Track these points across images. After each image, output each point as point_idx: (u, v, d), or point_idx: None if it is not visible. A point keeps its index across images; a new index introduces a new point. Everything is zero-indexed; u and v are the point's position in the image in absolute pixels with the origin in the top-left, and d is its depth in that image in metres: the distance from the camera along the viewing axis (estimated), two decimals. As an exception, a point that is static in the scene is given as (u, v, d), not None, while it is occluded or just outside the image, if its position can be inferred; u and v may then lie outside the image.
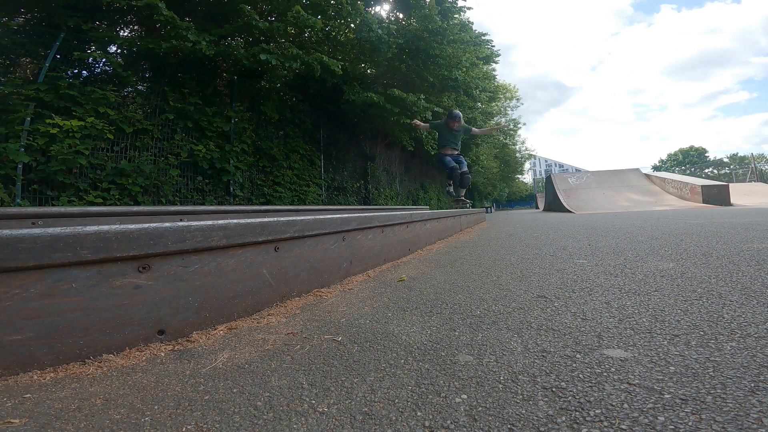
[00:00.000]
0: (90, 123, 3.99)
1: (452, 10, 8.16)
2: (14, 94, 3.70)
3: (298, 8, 5.10)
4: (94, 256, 0.74)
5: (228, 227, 0.98)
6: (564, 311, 0.98)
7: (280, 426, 0.52)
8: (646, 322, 0.86)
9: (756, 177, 22.11)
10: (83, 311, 0.73)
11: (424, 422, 0.51)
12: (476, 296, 1.21)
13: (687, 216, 5.17)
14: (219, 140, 5.54)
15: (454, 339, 0.83)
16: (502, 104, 27.25)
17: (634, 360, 0.66)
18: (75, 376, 0.69)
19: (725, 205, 10.02)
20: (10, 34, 4.31)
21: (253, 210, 3.74)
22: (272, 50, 5.28)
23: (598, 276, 1.40)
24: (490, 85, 15.21)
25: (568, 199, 13.42)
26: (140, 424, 0.54)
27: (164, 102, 5.06)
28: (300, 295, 1.25)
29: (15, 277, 0.67)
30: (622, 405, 0.52)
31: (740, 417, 0.47)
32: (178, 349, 0.82)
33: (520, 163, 37.59)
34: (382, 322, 0.99)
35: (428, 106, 7.49)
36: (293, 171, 6.89)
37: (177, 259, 0.88)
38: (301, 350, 0.81)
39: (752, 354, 0.65)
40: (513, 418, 0.50)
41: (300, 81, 7.10)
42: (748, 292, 1.05)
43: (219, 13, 5.60)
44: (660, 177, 14.46)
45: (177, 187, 4.97)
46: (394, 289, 1.37)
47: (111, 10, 4.99)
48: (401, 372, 0.67)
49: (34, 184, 3.75)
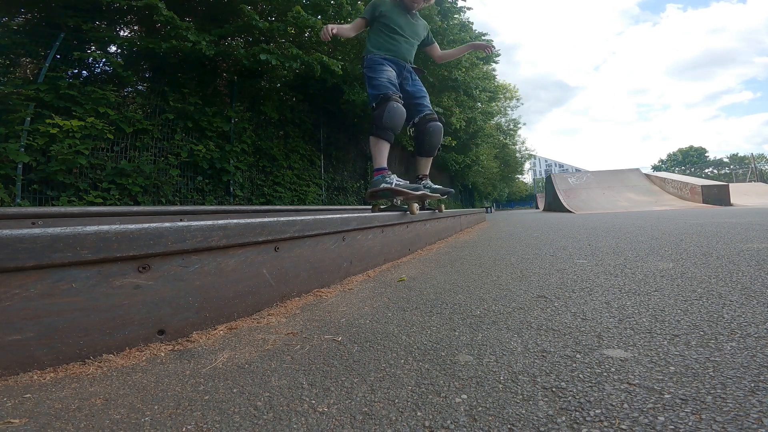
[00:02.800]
0: (90, 123, 3.99)
1: (452, 11, 8.16)
2: (14, 94, 3.70)
3: (298, 8, 5.10)
4: (94, 256, 0.74)
5: (228, 227, 0.98)
6: (564, 311, 0.98)
7: (280, 426, 0.52)
8: (646, 322, 0.86)
9: (756, 177, 22.11)
10: (83, 311, 0.73)
11: (424, 422, 0.51)
12: (476, 296, 1.21)
13: (687, 216, 5.17)
14: (219, 140, 5.54)
15: (454, 339, 0.83)
16: (502, 104, 27.26)
17: (634, 360, 0.66)
18: (75, 376, 0.69)
19: (725, 205, 10.02)
20: (10, 34, 4.31)
21: (253, 210, 3.74)
22: (272, 50, 5.29)
23: (598, 276, 1.40)
24: (490, 85, 15.22)
25: (568, 199, 13.42)
26: (140, 424, 0.54)
27: (164, 102, 5.07)
28: (300, 295, 1.25)
29: (15, 277, 0.67)
30: (622, 405, 0.52)
31: (740, 417, 0.47)
32: (178, 349, 0.82)
33: (520, 163, 37.64)
34: (382, 322, 0.99)
35: (428, 106, 7.48)
36: (293, 171, 6.90)
37: (177, 259, 0.88)
38: (301, 350, 0.81)
39: (752, 354, 0.65)
40: (513, 418, 0.50)
41: (300, 81, 7.10)
42: (748, 292, 1.05)
43: (219, 13, 5.60)
44: (660, 177, 14.47)
45: (177, 187, 4.97)
46: (394, 289, 1.37)
47: (111, 10, 4.99)
48: (401, 372, 0.67)
49: (34, 184, 3.76)
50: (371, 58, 2.34)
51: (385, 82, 2.23)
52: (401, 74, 2.42)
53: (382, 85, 2.22)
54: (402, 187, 2.16)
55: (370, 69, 2.31)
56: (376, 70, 2.29)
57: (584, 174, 17.35)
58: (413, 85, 2.48)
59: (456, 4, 8.44)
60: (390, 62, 2.36)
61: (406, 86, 2.44)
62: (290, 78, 6.90)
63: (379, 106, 2.17)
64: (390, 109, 2.14)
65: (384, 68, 2.30)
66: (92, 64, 4.94)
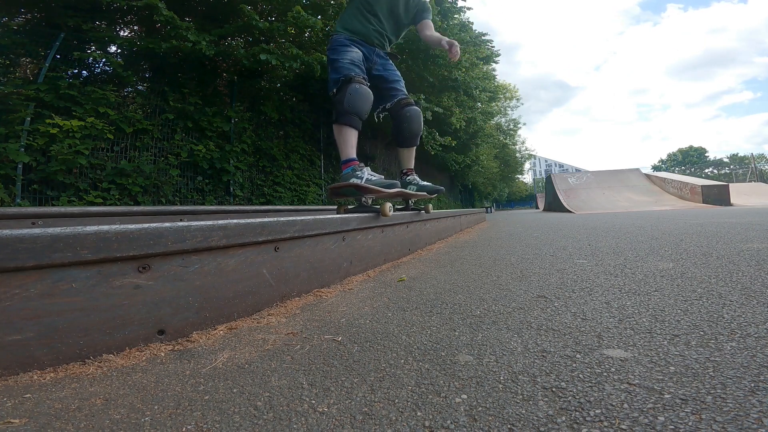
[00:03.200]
0: (90, 123, 3.99)
1: (452, 11, 8.17)
2: (14, 94, 3.70)
3: (298, 8, 5.10)
4: (94, 256, 0.74)
5: (228, 227, 0.98)
6: (564, 311, 0.98)
7: (280, 426, 0.52)
8: (646, 322, 0.86)
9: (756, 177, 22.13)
10: (83, 311, 0.73)
11: (424, 422, 0.51)
12: (476, 296, 1.21)
13: (687, 216, 5.17)
14: (219, 140, 5.54)
15: (454, 339, 0.83)
16: (502, 104, 27.28)
17: (634, 360, 0.66)
18: (75, 376, 0.69)
19: (725, 205, 10.02)
20: (10, 34, 4.31)
21: (253, 210, 3.74)
22: (272, 50, 5.29)
23: (598, 276, 1.40)
24: (490, 85, 15.23)
25: (568, 199, 13.43)
26: (140, 424, 0.54)
27: (164, 102, 5.07)
28: (300, 295, 1.25)
29: (15, 277, 0.67)
30: (622, 405, 0.52)
31: (740, 417, 0.47)
32: (178, 349, 0.82)
33: (520, 163, 37.67)
34: (382, 322, 0.99)
35: (428, 106, 7.50)
36: (293, 171, 6.89)
37: (177, 259, 0.88)
38: (301, 350, 0.81)
39: (752, 354, 0.65)
40: (513, 418, 0.50)
41: (300, 81, 7.10)
42: (748, 292, 1.05)
43: (219, 13, 5.60)
44: (660, 177, 14.48)
45: (177, 187, 4.97)
46: (394, 289, 1.37)
47: (111, 10, 4.99)
48: (401, 372, 0.67)
49: (34, 184, 3.76)
50: (336, 38, 2.11)
51: (347, 64, 1.99)
52: (370, 58, 2.19)
53: (344, 67, 1.98)
54: (373, 183, 1.89)
55: (333, 50, 2.08)
56: (339, 51, 2.05)
57: (584, 174, 17.37)
58: (385, 70, 2.25)
59: (456, 4, 8.44)
60: (357, 44, 2.12)
61: (374, 71, 2.20)
62: (290, 78, 6.90)
63: (340, 90, 1.93)
64: (352, 91, 1.90)
65: (348, 49, 2.06)
66: (92, 64, 4.94)
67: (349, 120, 1.93)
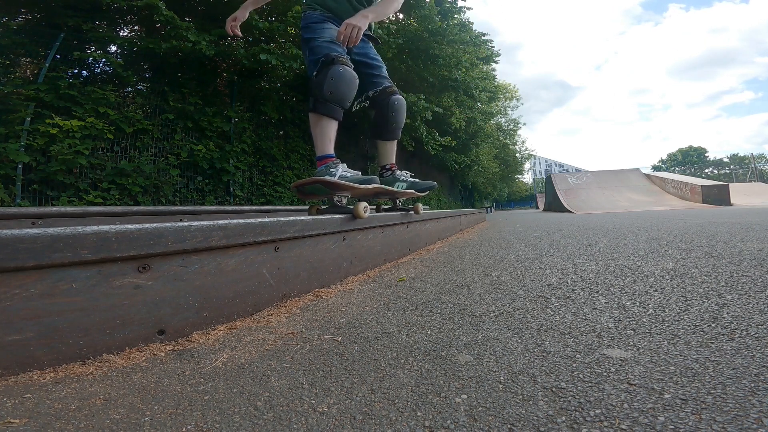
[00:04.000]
0: (90, 123, 3.99)
1: (452, 11, 8.16)
2: (14, 94, 3.70)
3: (298, 8, 5.10)
4: (94, 256, 0.74)
5: (228, 227, 0.98)
6: (564, 311, 0.98)
7: (280, 426, 0.52)
8: (646, 322, 0.86)
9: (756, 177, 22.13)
10: (83, 311, 0.73)
11: (424, 422, 0.51)
12: (476, 296, 1.21)
13: (687, 216, 5.17)
14: (219, 140, 5.54)
15: (454, 339, 0.83)
16: (503, 104, 27.28)
17: (634, 360, 0.66)
18: (75, 376, 0.69)
19: (725, 205, 10.02)
20: (10, 34, 4.31)
21: (253, 210, 3.74)
22: (272, 50, 5.29)
23: (598, 276, 1.40)
24: (490, 85, 15.24)
25: (568, 199, 13.43)
26: (140, 424, 0.54)
27: (164, 102, 5.07)
28: (300, 295, 1.25)
29: (15, 277, 0.67)
30: (622, 405, 0.52)
31: (740, 417, 0.47)
32: (178, 349, 0.82)
33: (520, 163, 37.67)
34: (382, 322, 0.99)
35: (428, 106, 7.50)
36: (293, 171, 6.89)
37: (177, 259, 0.88)
38: (301, 350, 0.81)
39: (752, 354, 0.65)
40: (513, 418, 0.50)
41: (300, 81, 7.09)
42: (748, 292, 1.05)
43: (219, 13, 5.60)
44: (660, 177, 14.49)
45: (177, 187, 4.97)
46: (394, 289, 1.37)
47: (111, 10, 4.99)
48: (401, 372, 0.67)
49: (34, 184, 3.76)
50: (309, 14, 1.85)
51: (326, 43, 1.73)
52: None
53: (322, 46, 1.72)
54: (348, 180, 1.65)
55: (307, 29, 1.82)
56: (314, 29, 1.80)
57: (584, 174, 17.37)
58: (365, 54, 2.00)
59: (456, 4, 8.44)
60: (332, 21, 1.86)
61: (354, 56, 1.92)
62: (290, 78, 6.90)
63: (320, 72, 1.66)
64: (334, 74, 1.64)
65: (325, 26, 1.80)
66: (92, 64, 4.95)
67: (328, 110, 1.68)
